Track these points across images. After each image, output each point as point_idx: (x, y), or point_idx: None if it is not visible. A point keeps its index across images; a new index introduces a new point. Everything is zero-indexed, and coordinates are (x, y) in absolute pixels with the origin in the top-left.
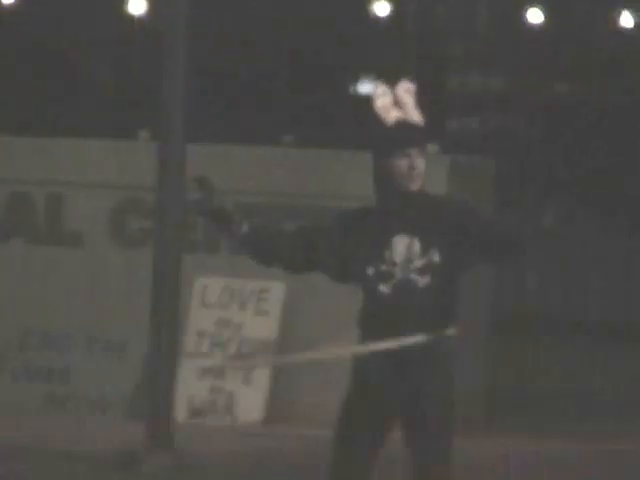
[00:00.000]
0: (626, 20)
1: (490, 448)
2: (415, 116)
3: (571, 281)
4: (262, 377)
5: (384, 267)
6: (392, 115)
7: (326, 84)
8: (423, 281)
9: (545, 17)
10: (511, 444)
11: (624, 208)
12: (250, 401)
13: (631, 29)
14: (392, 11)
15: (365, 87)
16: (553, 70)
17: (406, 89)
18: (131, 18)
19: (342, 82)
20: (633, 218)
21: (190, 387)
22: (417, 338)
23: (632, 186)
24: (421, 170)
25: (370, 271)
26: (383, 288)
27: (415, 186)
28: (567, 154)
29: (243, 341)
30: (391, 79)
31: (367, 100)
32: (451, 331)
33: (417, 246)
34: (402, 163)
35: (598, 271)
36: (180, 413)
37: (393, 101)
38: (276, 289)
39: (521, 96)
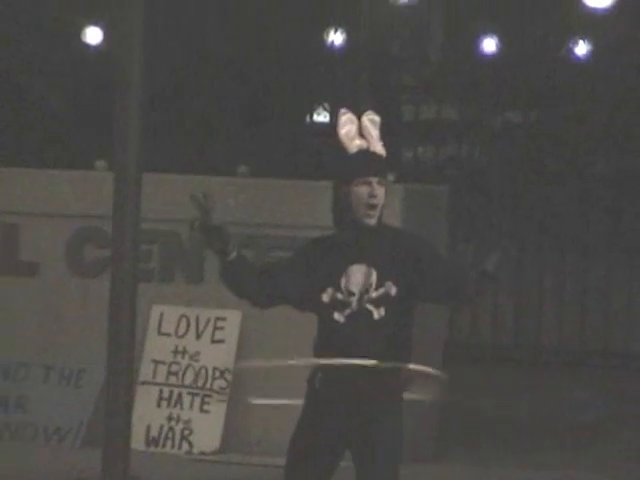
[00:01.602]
0: (581, 49)
1: (439, 476)
2: (378, 147)
3: (525, 311)
4: (218, 406)
5: (340, 296)
6: (355, 144)
7: (281, 114)
8: (379, 312)
9: (499, 46)
10: (459, 472)
11: (580, 237)
12: (206, 430)
13: (586, 58)
14: (346, 40)
15: (319, 117)
16: (507, 98)
17: (371, 119)
18: (86, 46)
19: (296, 112)
20: (590, 248)
21: (147, 415)
22: (370, 362)
23: (586, 213)
24: (380, 200)
25: (325, 299)
26: (338, 317)
27: (373, 220)
28: (521, 181)
29: (199, 369)
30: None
31: (322, 130)
32: (405, 363)
33: (374, 277)
34: (362, 190)
35: (552, 301)
36: (137, 441)
37: (357, 130)
38: (232, 317)
39: (475, 125)
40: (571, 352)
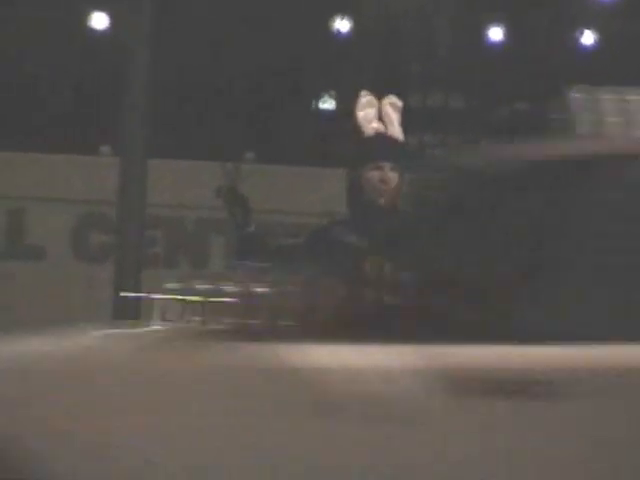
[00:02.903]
0: (587, 39)
1: None
2: (396, 132)
3: None
4: None
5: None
6: (372, 127)
7: (287, 101)
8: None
9: (506, 35)
10: None
11: None
12: None
13: (591, 48)
14: (352, 29)
15: (326, 104)
16: (513, 88)
17: (392, 103)
18: (93, 32)
19: (303, 99)
20: None
21: None
22: None
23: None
24: (392, 185)
25: None
26: None
27: (385, 201)
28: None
29: None
30: (352, 96)
31: (328, 117)
32: None
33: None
34: (373, 175)
35: None
36: None
37: (377, 114)
38: None
39: (481, 114)
40: None
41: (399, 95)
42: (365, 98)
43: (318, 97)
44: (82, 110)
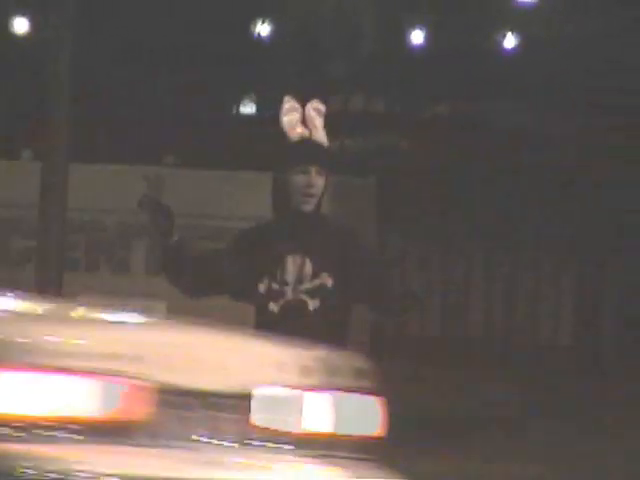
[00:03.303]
0: (509, 42)
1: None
2: (321, 137)
3: (451, 302)
4: None
5: (275, 286)
6: (297, 132)
7: (209, 104)
8: (313, 303)
9: (427, 38)
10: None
11: (506, 229)
12: None
13: (514, 51)
14: (274, 31)
15: (247, 108)
16: (434, 90)
17: (316, 108)
18: (14, 36)
19: (224, 102)
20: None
21: None
22: None
23: (511, 205)
24: (318, 190)
25: (261, 289)
26: (272, 307)
27: (310, 207)
28: (450, 174)
29: None
30: (274, 100)
31: (250, 120)
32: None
33: (309, 267)
34: (299, 180)
35: (478, 292)
36: None
37: (301, 119)
38: (158, 308)
39: (402, 116)
40: (499, 345)
41: (322, 99)
42: (289, 104)
43: (239, 101)
44: (3, 114)
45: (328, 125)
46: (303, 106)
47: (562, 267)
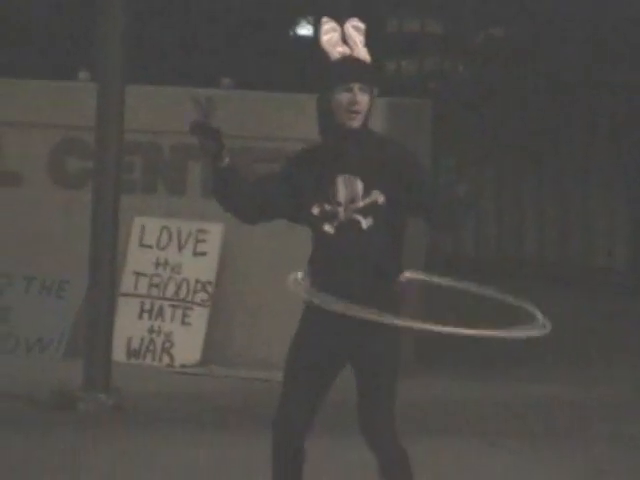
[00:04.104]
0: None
1: (421, 390)
2: (362, 54)
3: (506, 225)
4: (200, 318)
5: (328, 207)
6: (338, 50)
7: (264, 27)
8: (367, 222)
9: None
10: (441, 386)
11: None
12: (187, 342)
13: None
14: None
15: (303, 29)
16: (489, 14)
17: (355, 26)
18: None
19: (279, 25)
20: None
21: (128, 328)
22: (369, 312)
23: (564, 132)
24: (363, 107)
25: (315, 211)
26: (328, 228)
27: (356, 123)
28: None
29: (181, 282)
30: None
31: (306, 42)
32: (398, 275)
33: (360, 186)
34: (343, 97)
35: (533, 214)
36: (118, 353)
37: (341, 38)
38: (214, 230)
39: (458, 39)
40: (552, 265)
41: (377, 19)
42: (327, 24)
43: (295, 23)
44: (60, 35)
45: (384, 46)
46: (342, 26)
47: (614, 190)
